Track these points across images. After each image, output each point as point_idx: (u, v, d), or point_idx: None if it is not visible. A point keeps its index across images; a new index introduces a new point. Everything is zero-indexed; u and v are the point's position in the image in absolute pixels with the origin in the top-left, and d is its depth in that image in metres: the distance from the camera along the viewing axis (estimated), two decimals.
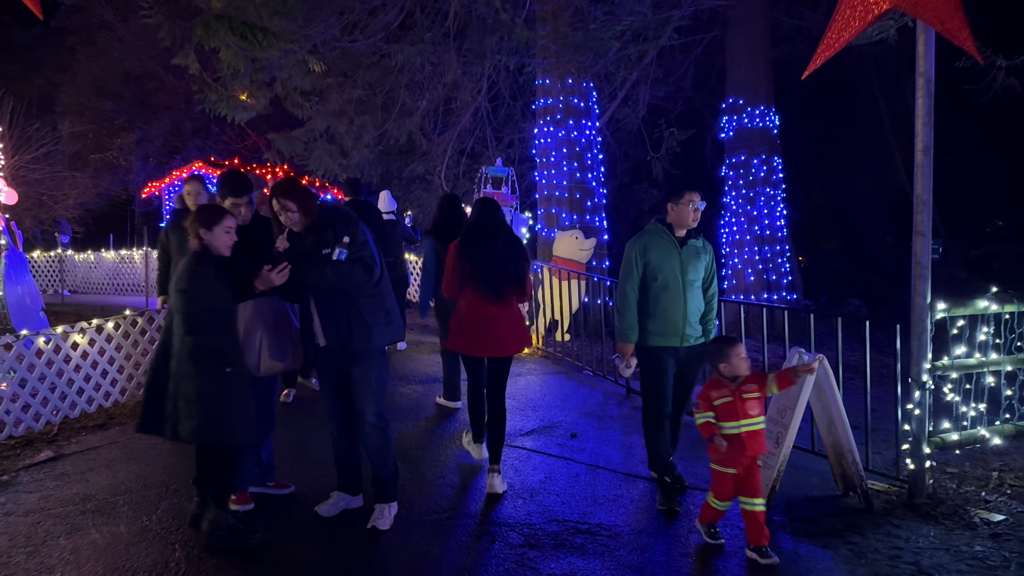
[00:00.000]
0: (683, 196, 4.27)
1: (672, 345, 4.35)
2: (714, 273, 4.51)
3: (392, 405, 6.68)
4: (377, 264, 4.04)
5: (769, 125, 11.34)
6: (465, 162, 13.43)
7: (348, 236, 3.95)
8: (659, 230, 4.37)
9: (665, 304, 4.29)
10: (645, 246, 4.32)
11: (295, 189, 4.02)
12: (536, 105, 10.41)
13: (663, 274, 4.28)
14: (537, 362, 8.76)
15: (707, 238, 4.70)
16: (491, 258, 4.56)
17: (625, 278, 4.35)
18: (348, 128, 12.89)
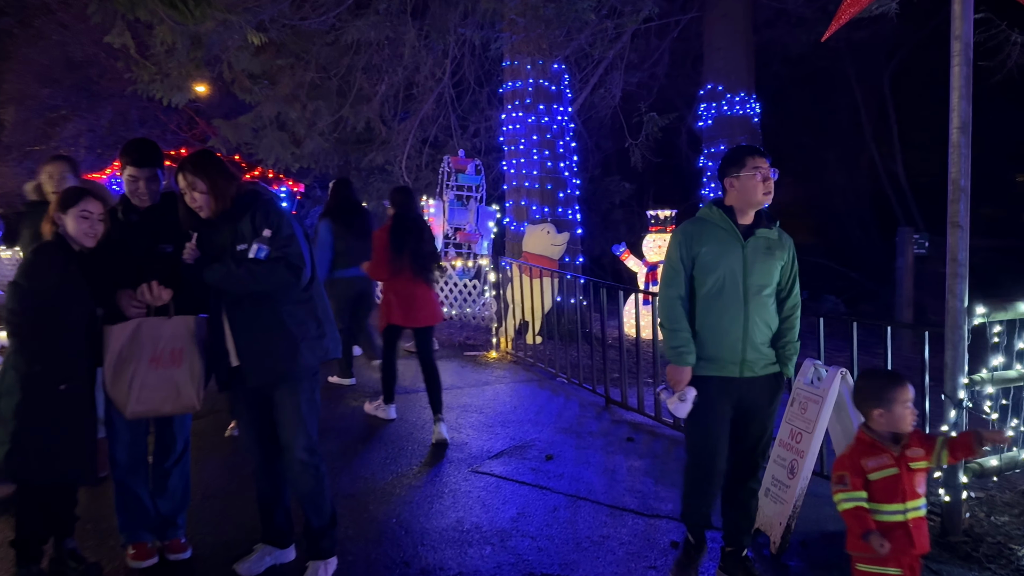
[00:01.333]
0: (745, 162, 3.11)
1: (727, 375, 3.18)
2: (795, 276, 3.31)
3: (331, 424, 5.86)
4: (306, 264, 3.23)
5: (750, 113, 10.71)
6: (428, 152, 12.59)
7: (269, 228, 3.14)
8: (715, 215, 3.21)
9: (717, 317, 3.15)
10: (692, 236, 3.19)
11: (208, 164, 3.19)
12: (504, 89, 9.63)
13: (716, 275, 3.14)
14: (506, 368, 7.99)
15: None
16: (421, 243, 5.58)
17: (668, 282, 3.23)
18: (300, 114, 11.97)
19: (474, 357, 8.46)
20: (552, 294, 8.38)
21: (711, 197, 10.88)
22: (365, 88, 11.80)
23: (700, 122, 11.15)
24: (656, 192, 17.35)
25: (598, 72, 11.35)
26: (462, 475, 4.82)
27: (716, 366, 3.19)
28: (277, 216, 3.21)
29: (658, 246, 9.81)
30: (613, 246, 10.32)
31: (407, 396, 6.74)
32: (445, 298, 10.57)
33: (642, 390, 6.27)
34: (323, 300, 3.46)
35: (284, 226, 3.19)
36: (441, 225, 10.59)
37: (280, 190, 17.01)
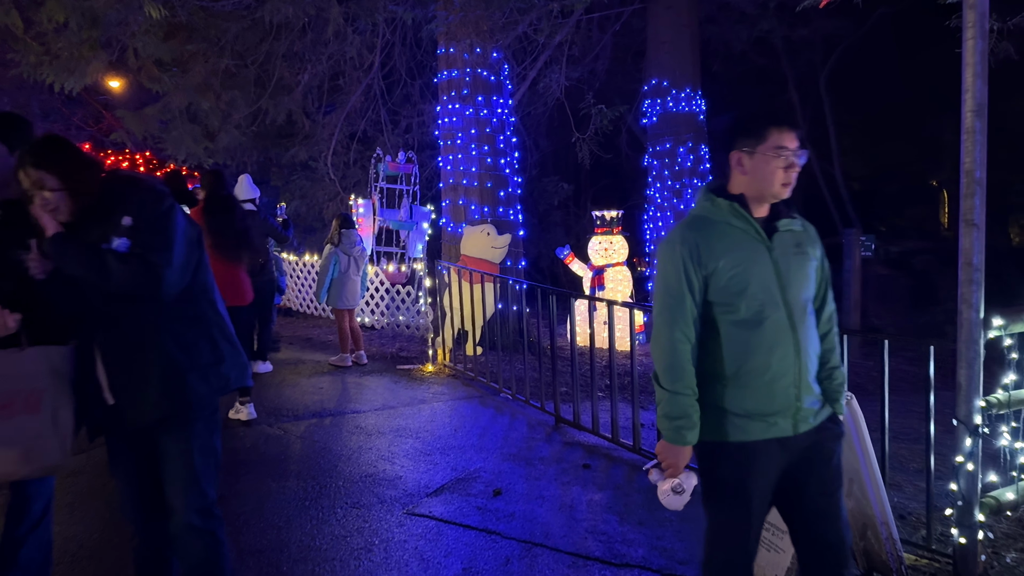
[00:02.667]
0: (766, 136, 2.22)
1: (778, 436, 2.25)
2: (828, 278, 2.44)
3: (241, 456, 5.02)
4: (173, 266, 2.45)
5: (696, 110, 10.28)
6: (356, 148, 11.73)
7: (131, 216, 2.38)
8: (722, 209, 2.29)
9: (762, 356, 2.22)
10: (699, 245, 2.24)
11: (56, 153, 2.43)
12: (438, 78, 8.89)
13: (749, 296, 2.22)
14: (444, 383, 7.26)
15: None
16: (226, 224, 5.50)
17: (667, 318, 2.27)
18: (214, 105, 10.96)
19: (408, 371, 7.70)
20: (494, 301, 7.69)
21: (656, 198, 10.42)
22: (286, 77, 10.87)
23: (644, 119, 10.66)
24: (595, 193, 16.88)
25: (537, 66, 10.73)
26: (396, 519, 4.08)
27: (761, 425, 2.23)
28: (151, 206, 2.44)
29: (604, 249, 9.24)
30: (557, 249, 9.71)
31: (332, 419, 5.94)
32: (376, 306, 9.75)
33: (596, 407, 5.64)
34: (220, 317, 2.70)
35: (157, 219, 2.42)
36: (371, 226, 9.77)
37: (195, 188, 15.80)
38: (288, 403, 6.39)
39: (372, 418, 5.96)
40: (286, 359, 8.04)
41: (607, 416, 5.69)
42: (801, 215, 2.41)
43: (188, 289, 2.56)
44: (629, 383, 7.38)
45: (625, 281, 9.27)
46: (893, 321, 12.92)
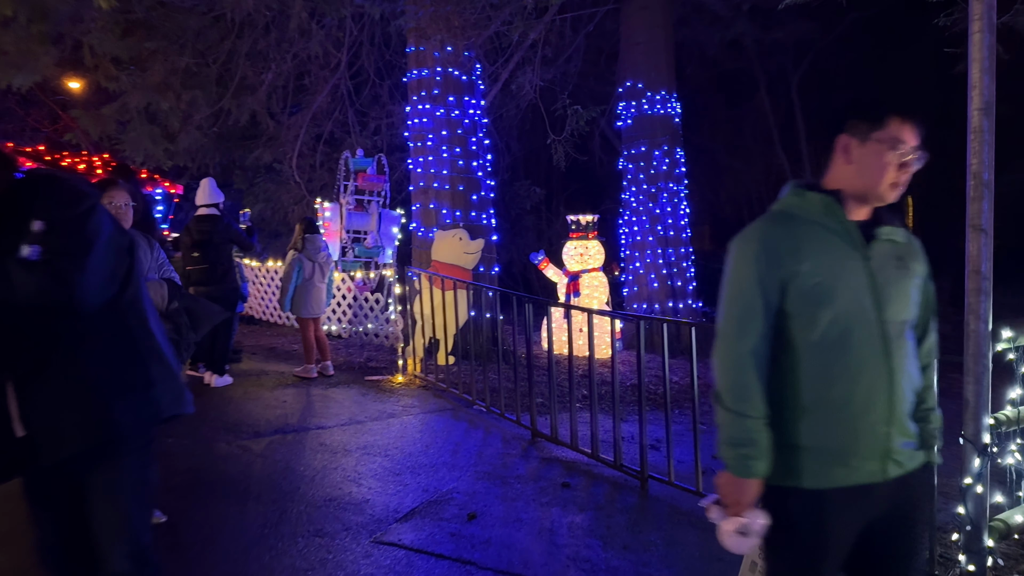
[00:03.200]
0: (884, 122, 1.87)
1: (862, 482, 1.87)
2: (933, 304, 2.05)
3: (206, 477, 4.67)
4: (87, 274, 2.12)
5: (671, 112, 10.10)
6: (323, 150, 11.37)
7: (43, 221, 2.06)
8: (814, 205, 1.94)
9: (846, 384, 1.86)
10: (780, 243, 1.90)
11: None
12: (408, 77, 8.58)
13: (835, 309, 1.86)
14: (415, 395, 6.94)
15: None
16: None
17: (736, 327, 1.92)
18: (174, 105, 10.53)
19: (377, 383, 7.37)
20: (467, 308, 7.40)
21: (632, 202, 10.21)
22: (249, 77, 10.49)
23: (619, 122, 10.45)
24: (568, 197, 16.68)
25: (509, 67, 10.47)
26: (362, 549, 3.76)
27: (843, 469, 1.85)
28: (66, 208, 2.11)
29: (579, 254, 9.00)
30: (531, 254, 9.46)
31: (296, 435, 5.59)
32: (344, 314, 9.39)
33: (575, 420, 5.38)
34: (152, 335, 2.38)
35: (72, 221, 2.10)
36: (338, 231, 9.42)
37: (155, 192, 15.30)
38: (249, 418, 6.03)
39: (338, 434, 5.63)
40: (248, 370, 7.67)
41: (586, 429, 5.43)
42: None
43: (114, 302, 2.25)
44: (609, 394, 7.14)
45: (601, 287, 9.03)
46: None
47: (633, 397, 7.16)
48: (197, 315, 3.75)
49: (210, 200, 6.83)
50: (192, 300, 3.81)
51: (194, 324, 3.73)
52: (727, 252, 2.01)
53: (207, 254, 6.65)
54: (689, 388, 8.06)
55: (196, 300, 3.87)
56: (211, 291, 6.57)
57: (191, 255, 6.66)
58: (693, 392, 4.66)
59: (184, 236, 6.77)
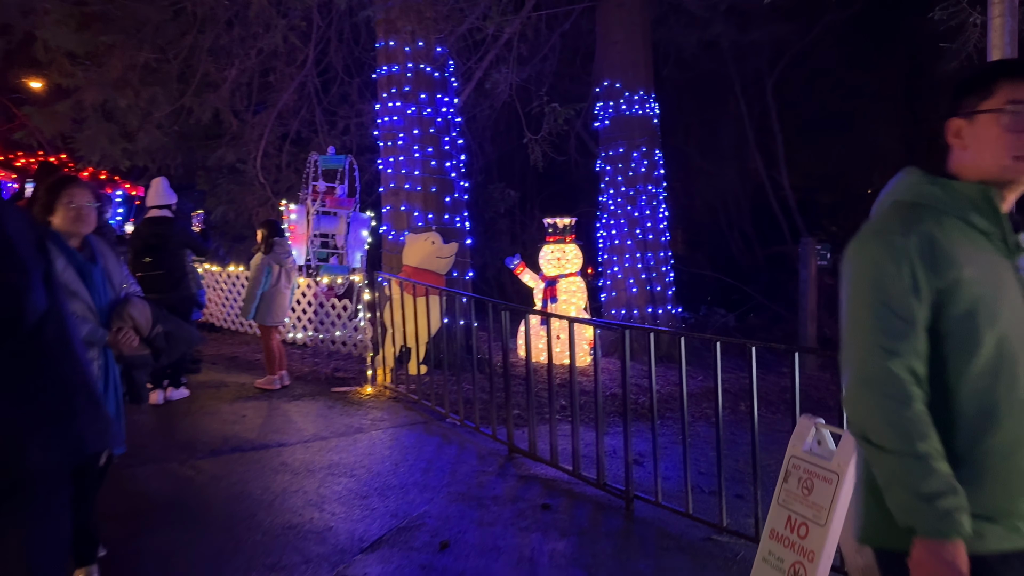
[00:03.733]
0: (992, 88, 1.56)
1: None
2: None
3: (154, 503, 4.26)
4: (31, 283, 1.79)
5: (649, 113, 9.84)
6: (289, 150, 10.94)
7: None
8: (962, 196, 1.58)
9: (1012, 426, 1.50)
10: (933, 240, 1.52)
11: None
12: (378, 73, 8.21)
13: (1000, 327, 1.50)
14: (384, 407, 6.57)
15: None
16: None
17: (884, 338, 1.51)
18: (133, 102, 10.05)
19: (344, 394, 6.98)
20: (440, 315, 7.04)
21: (610, 204, 9.94)
22: (212, 73, 10.04)
23: (596, 122, 10.17)
24: (543, 200, 16.37)
25: (483, 65, 10.14)
26: None
27: (1003, 530, 1.50)
28: None
29: (556, 258, 8.69)
30: (506, 259, 9.12)
31: (255, 454, 5.20)
32: (310, 321, 8.97)
33: (555, 434, 5.06)
34: (76, 359, 2.02)
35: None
36: (304, 234, 9.01)
37: (115, 194, 14.73)
38: (204, 435, 5.62)
39: (301, 452, 5.25)
40: (207, 382, 7.23)
41: (567, 443, 5.12)
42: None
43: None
44: (590, 404, 6.83)
45: (579, 292, 8.73)
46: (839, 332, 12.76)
47: (614, 407, 6.87)
48: (176, 339, 3.40)
49: (162, 201, 6.40)
50: (175, 323, 3.43)
51: (170, 348, 3.37)
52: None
53: (160, 259, 6.20)
54: (671, 397, 7.82)
55: (178, 324, 3.48)
56: (164, 299, 6.16)
57: (142, 260, 6.22)
58: (682, 402, 4.37)
59: (134, 240, 6.31)
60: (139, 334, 3.18)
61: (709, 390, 7.95)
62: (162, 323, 3.30)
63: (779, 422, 6.78)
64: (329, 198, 9.23)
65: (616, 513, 4.34)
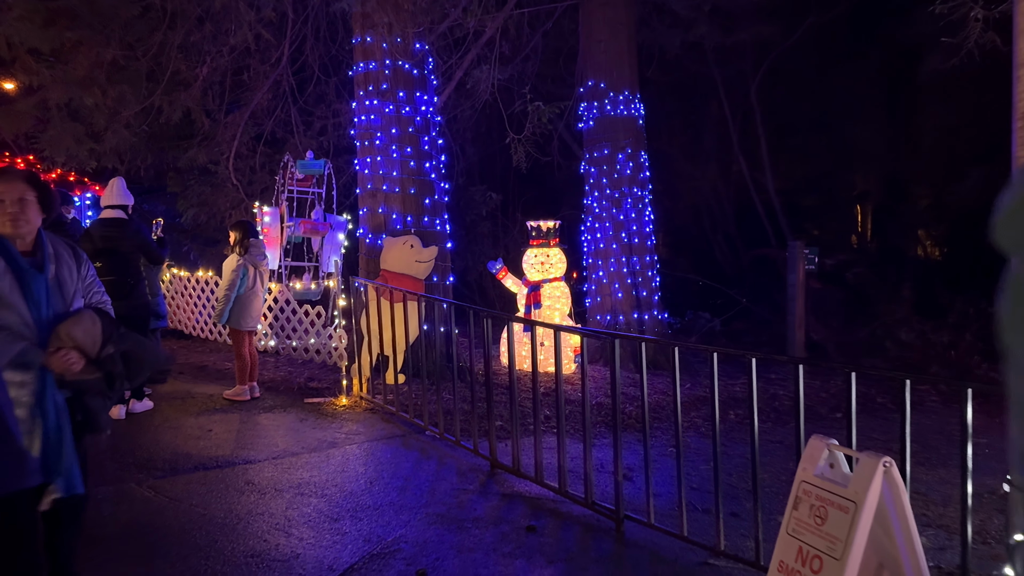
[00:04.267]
0: None
1: None
2: None
3: (107, 529, 3.92)
4: None
5: (635, 114, 9.61)
6: (263, 150, 10.59)
7: None
8: None
9: None
10: None
11: None
12: (354, 71, 7.90)
13: None
14: (360, 419, 6.25)
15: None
16: None
17: None
18: (100, 101, 9.66)
19: (318, 405, 6.65)
20: (419, 322, 6.73)
21: (594, 207, 9.68)
22: (183, 71, 9.67)
23: (581, 123, 9.92)
24: (525, 203, 16.09)
25: (464, 64, 9.86)
26: None
27: None
28: None
29: (540, 263, 8.42)
30: (488, 263, 8.84)
31: (219, 473, 4.86)
32: (282, 328, 8.61)
33: (540, 447, 4.77)
34: None
35: None
36: (278, 238, 8.66)
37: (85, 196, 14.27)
38: (166, 452, 5.27)
39: (269, 470, 4.93)
40: (172, 392, 6.88)
41: (552, 457, 4.85)
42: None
43: None
44: (576, 414, 6.57)
45: (564, 297, 8.46)
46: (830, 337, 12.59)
47: (601, 418, 6.59)
48: (137, 361, 2.93)
49: (117, 201, 6.02)
50: (135, 342, 2.96)
51: (130, 372, 2.90)
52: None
53: (112, 264, 5.78)
54: (659, 406, 7.57)
55: (140, 343, 3.02)
56: (117, 308, 5.82)
57: (93, 265, 5.88)
58: (676, 416, 4.11)
59: (85, 243, 5.89)
60: (84, 355, 2.72)
61: (698, 398, 7.71)
62: (117, 343, 2.82)
63: (769, 431, 6.55)
64: (303, 223, 8.84)
65: (606, 536, 4.06)
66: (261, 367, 7.89)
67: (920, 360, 10.36)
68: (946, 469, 5.16)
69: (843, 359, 11.23)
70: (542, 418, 6.06)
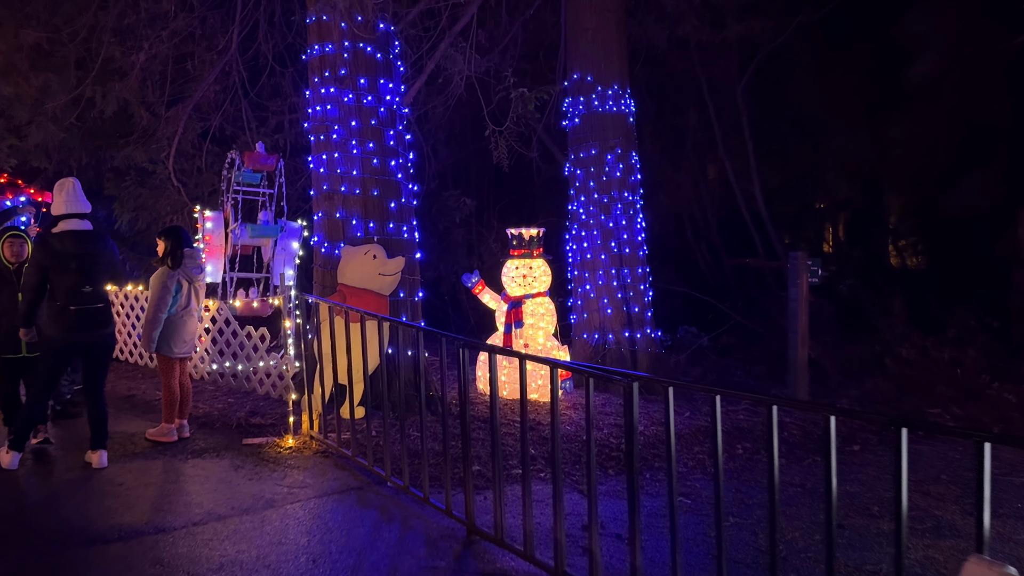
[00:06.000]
0: None
1: None
2: None
3: None
4: None
5: (625, 110, 8.69)
6: (211, 148, 9.48)
7: None
8: None
9: None
10: None
11: None
12: (308, 53, 6.87)
13: None
14: (308, 467, 5.19)
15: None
16: None
17: None
18: (21, 90, 8.52)
19: (259, 448, 5.57)
20: (381, 345, 5.66)
21: (581, 213, 8.74)
22: (117, 58, 8.56)
23: (565, 121, 8.98)
24: (500, 209, 15.10)
25: (436, 56, 8.87)
26: None
27: None
28: None
29: (522, 275, 7.44)
30: (463, 276, 7.84)
31: (119, 547, 3.77)
32: (221, 352, 7.48)
33: (530, 504, 3.75)
34: None
35: None
36: (221, 246, 7.56)
37: (18, 200, 12.98)
38: (57, 516, 4.18)
39: (185, 543, 3.86)
40: (84, 431, 5.75)
41: (544, 516, 3.86)
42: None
43: None
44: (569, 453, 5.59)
45: (548, 315, 7.49)
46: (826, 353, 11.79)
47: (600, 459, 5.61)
48: None
49: (82, 208, 5.10)
50: None
51: None
52: None
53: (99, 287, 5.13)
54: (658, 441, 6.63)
55: None
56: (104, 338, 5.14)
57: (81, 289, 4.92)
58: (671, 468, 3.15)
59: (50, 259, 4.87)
60: None
61: (700, 429, 6.79)
62: None
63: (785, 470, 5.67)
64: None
65: None
66: (196, 397, 6.79)
67: (923, 379, 9.65)
68: None
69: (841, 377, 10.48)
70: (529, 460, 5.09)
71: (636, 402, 3.34)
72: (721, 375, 10.74)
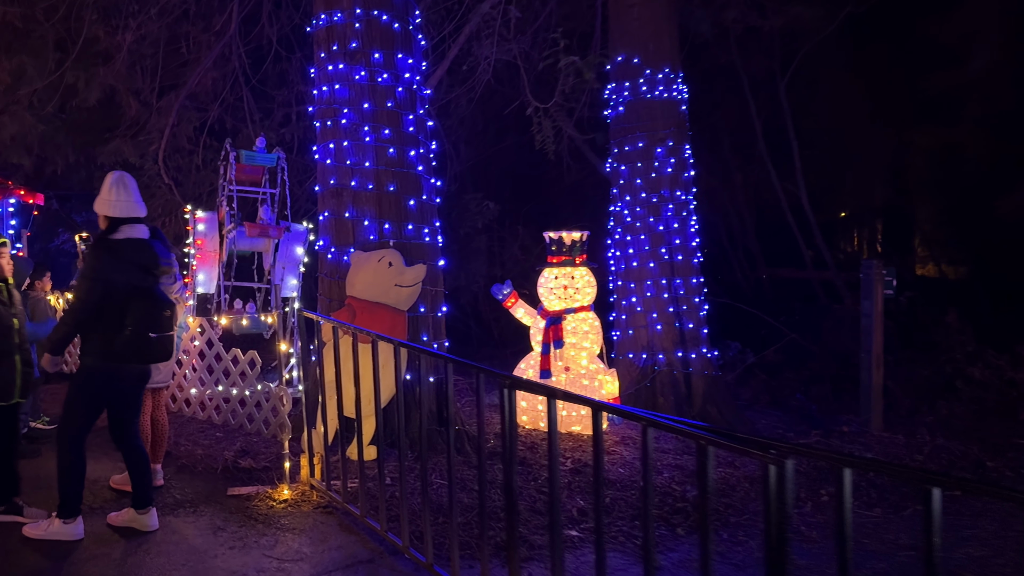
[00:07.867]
0: None
1: None
2: None
3: None
4: None
5: (676, 97, 7.62)
6: (208, 142, 8.48)
7: None
8: None
9: None
10: None
11: None
12: (314, 24, 5.84)
13: None
14: (307, 529, 4.10)
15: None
16: None
17: None
18: None
19: (246, 502, 4.48)
20: (397, 372, 4.55)
21: (625, 215, 7.65)
22: (101, 39, 7.59)
23: (607, 110, 7.90)
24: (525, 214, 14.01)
25: (460, 39, 7.84)
26: None
27: None
28: None
29: (563, 286, 6.34)
30: (494, 286, 6.75)
31: None
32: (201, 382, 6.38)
33: None
34: None
35: None
36: (215, 252, 6.53)
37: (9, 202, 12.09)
38: None
39: None
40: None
41: None
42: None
43: None
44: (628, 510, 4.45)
45: (593, 332, 6.40)
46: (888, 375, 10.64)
47: (662, 512, 4.51)
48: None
49: (141, 210, 4.08)
50: None
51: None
52: None
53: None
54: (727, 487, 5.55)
55: None
56: None
57: (162, 312, 3.94)
58: None
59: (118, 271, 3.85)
60: None
61: None
62: None
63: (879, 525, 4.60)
64: (252, 226, 6.69)
65: None
66: (179, 432, 5.73)
67: (1001, 404, 8.60)
68: None
69: (911, 400, 9.38)
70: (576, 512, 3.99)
71: (712, 465, 2.29)
72: (774, 397, 9.72)
